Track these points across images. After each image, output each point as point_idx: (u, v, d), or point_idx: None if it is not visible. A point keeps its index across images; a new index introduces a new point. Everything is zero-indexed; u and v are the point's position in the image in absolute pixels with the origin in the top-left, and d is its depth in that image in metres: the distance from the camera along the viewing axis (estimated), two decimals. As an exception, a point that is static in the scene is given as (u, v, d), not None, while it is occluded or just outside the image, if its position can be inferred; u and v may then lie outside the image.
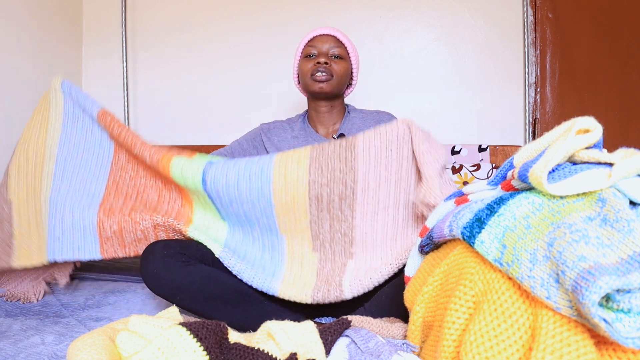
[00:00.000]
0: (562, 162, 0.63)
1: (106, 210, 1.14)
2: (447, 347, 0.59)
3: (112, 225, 1.12)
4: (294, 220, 1.03)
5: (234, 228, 1.09)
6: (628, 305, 0.45)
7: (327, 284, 1.00)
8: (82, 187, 1.18)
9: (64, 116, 1.20)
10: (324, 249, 1.04)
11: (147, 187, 1.17)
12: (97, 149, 1.21)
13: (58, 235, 1.14)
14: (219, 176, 1.02)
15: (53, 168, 1.18)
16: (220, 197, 1.04)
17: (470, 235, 0.62)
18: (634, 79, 1.79)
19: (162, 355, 0.62)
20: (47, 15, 1.76)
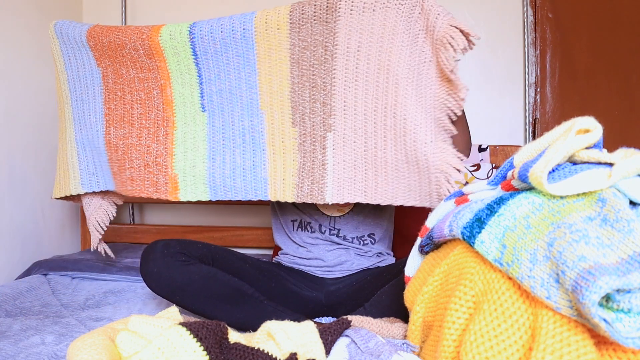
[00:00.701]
0: (562, 162, 0.63)
1: (111, 146, 1.20)
2: (447, 347, 0.59)
3: (115, 162, 1.20)
4: (276, 91, 1.03)
5: (213, 118, 1.10)
6: (628, 305, 0.45)
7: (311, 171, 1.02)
8: (91, 125, 1.23)
9: (64, 59, 1.24)
10: (304, 122, 1.03)
11: (133, 102, 1.17)
12: (91, 81, 1.22)
13: (92, 170, 1.26)
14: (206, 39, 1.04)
15: (71, 110, 1.25)
16: (212, 66, 1.06)
17: (470, 235, 0.62)
18: (634, 79, 1.79)
19: (162, 355, 0.62)
20: (47, 15, 1.76)
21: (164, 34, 1.07)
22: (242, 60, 1.05)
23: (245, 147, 1.08)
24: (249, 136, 1.08)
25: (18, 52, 1.60)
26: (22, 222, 1.59)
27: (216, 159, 1.10)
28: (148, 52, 1.10)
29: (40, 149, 1.71)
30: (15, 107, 1.59)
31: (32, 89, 1.67)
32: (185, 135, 1.13)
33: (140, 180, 1.17)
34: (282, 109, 1.04)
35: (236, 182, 1.09)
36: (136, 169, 1.17)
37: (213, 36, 1.04)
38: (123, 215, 2.01)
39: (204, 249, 1.05)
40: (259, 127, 1.07)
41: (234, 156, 1.09)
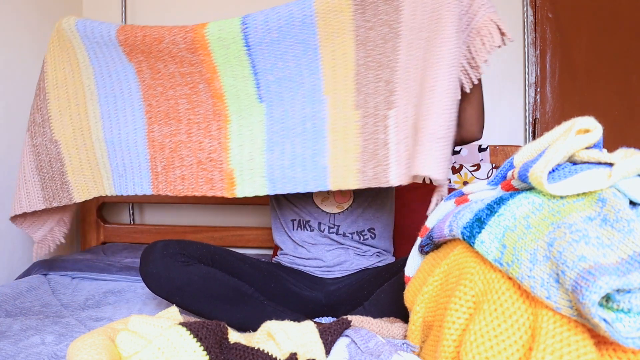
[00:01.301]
0: (562, 162, 0.63)
1: (156, 145, 1.15)
2: (447, 347, 0.59)
3: (161, 161, 1.15)
4: (340, 74, 1.01)
5: (272, 108, 1.06)
6: (628, 305, 0.45)
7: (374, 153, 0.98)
8: (127, 123, 1.17)
9: (88, 52, 1.17)
10: (366, 104, 1.00)
11: (177, 97, 1.13)
12: (124, 76, 1.16)
13: (122, 172, 1.20)
14: (260, 29, 1.00)
15: (98, 107, 1.19)
16: (268, 56, 1.02)
17: (470, 235, 0.62)
18: (634, 79, 1.79)
19: (162, 355, 0.62)
20: (47, 15, 1.76)
21: (212, 28, 1.03)
22: (303, 46, 1.01)
23: (305, 135, 1.04)
24: (310, 123, 1.03)
25: (18, 52, 1.60)
26: (22, 222, 1.59)
27: (275, 150, 1.06)
28: (190, 46, 1.05)
29: (40, 149, 1.70)
30: (15, 107, 1.59)
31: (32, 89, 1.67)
32: (240, 128, 1.08)
33: (193, 178, 1.12)
34: (345, 92, 1.01)
35: (296, 173, 1.05)
36: (188, 167, 1.12)
37: (269, 25, 1.00)
38: (123, 215, 2.01)
39: (203, 249, 1.05)
40: (321, 114, 1.03)
41: (294, 146, 1.05)
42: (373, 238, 1.18)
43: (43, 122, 1.24)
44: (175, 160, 1.14)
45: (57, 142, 1.24)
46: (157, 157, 1.16)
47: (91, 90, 1.19)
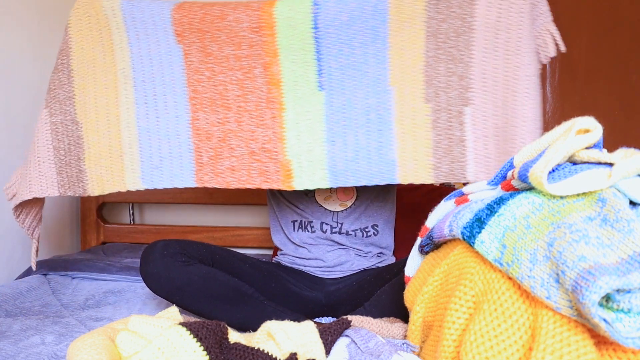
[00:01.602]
0: (562, 162, 0.63)
1: (201, 134, 1.07)
2: (447, 347, 0.59)
3: (208, 151, 1.07)
4: (408, 65, 0.99)
5: (332, 97, 1.02)
6: (628, 305, 0.45)
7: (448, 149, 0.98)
8: (167, 110, 1.09)
9: (129, 34, 1.09)
10: (438, 98, 0.98)
11: (227, 82, 1.06)
12: (168, 60, 1.09)
13: (156, 164, 1.09)
14: (332, 11, 0.96)
15: (132, 92, 1.10)
16: (334, 40, 0.99)
17: (470, 235, 0.62)
18: (634, 79, 1.79)
19: (162, 355, 0.62)
20: (47, 15, 1.76)
21: (281, 6, 0.98)
22: (371, 33, 0.99)
23: (370, 126, 1.01)
24: (375, 114, 1.00)
25: (18, 52, 1.60)
26: (22, 222, 1.59)
27: (337, 141, 1.01)
28: (255, 25, 1.00)
29: (40, 149, 1.70)
30: (15, 107, 1.59)
31: (32, 89, 1.68)
32: (297, 117, 1.03)
33: (245, 169, 1.05)
34: (413, 84, 0.99)
35: (359, 165, 1.01)
36: (239, 158, 1.05)
37: (341, 8, 0.97)
38: (123, 215, 2.01)
39: (204, 249, 1.05)
40: (386, 104, 1.00)
41: (357, 137, 1.01)
42: (375, 235, 1.18)
43: (66, 99, 1.14)
44: (224, 150, 1.06)
45: (78, 123, 1.14)
46: (203, 147, 1.07)
47: (125, 74, 1.11)
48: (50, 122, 1.15)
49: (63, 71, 1.15)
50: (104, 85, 1.12)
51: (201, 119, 1.07)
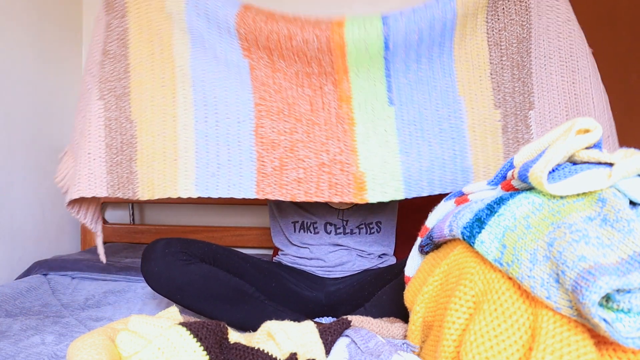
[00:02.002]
0: (562, 162, 0.63)
1: (266, 142, 1.01)
2: (447, 347, 0.59)
3: (272, 160, 1.01)
4: (474, 75, 1.03)
5: (402, 111, 1.03)
6: (628, 305, 0.45)
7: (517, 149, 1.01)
8: (228, 114, 1.03)
9: (191, 33, 1.04)
10: (506, 103, 1.03)
11: (296, 97, 1.03)
12: (233, 67, 1.05)
13: (213, 171, 1.03)
14: (402, 31, 0.96)
15: (191, 93, 1.04)
16: (403, 58, 1.00)
17: (470, 235, 0.62)
18: (634, 79, 1.79)
19: (162, 355, 0.62)
20: (47, 15, 1.76)
21: (351, 26, 0.96)
22: (439, 49, 1.01)
23: (443, 135, 1.03)
24: (447, 124, 1.03)
25: (18, 52, 1.60)
26: (22, 222, 1.59)
27: (411, 152, 1.01)
28: (326, 45, 0.98)
29: (40, 149, 1.71)
30: (15, 107, 1.59)
31: (32, 89, 1.68)
32: (369, 131, 1.02)
33: (313, 182, 1.00)
34: (482, 91, 1.04)
35: (434, 174, 1.01)
36: (307, 170, 1.00)
37: (410, 27, 0.96)
38: (123, 215, 2.01)
39: (205, 248, 1.05)
40: (457, 114, 1.03)
41: (432, 147, 1.02)
42: (379, 232, 1.19)
43: (122, 94, 1.08)
44: (291, 161, 1.00)
45: (133, 122, 1.07)
46: (267, 157, 1.01)
47: (184, 73, 1.05)
48: (105, 117, 1.08)
49: (120, 62, 1.08)
50: (161, 82, 1.06)
51: (266, 126, 1.02)
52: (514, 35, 1.03)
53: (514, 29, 1.03)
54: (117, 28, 1.08)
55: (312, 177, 1.00)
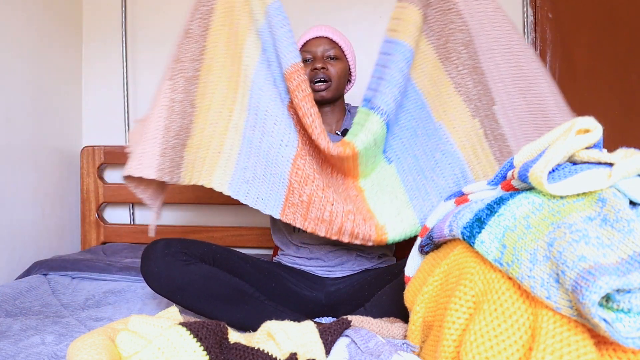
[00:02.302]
0: (562, 162, 0.63)
1: (300, 174, 0.99)
2: (447, 347, 0.59)
3: (301, 194, 0.99)
4: (443, 97, 1.05)
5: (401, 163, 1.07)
6: (628, 305, 0.45)
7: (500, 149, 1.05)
8: (274, 134, 1.01)
9: (262, 42, 1.03)
10: (479, 109, 1.05)
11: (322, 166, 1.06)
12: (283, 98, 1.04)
13: (248, 178, 1.03)
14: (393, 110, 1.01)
15: (248, 97, 1.03)
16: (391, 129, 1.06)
17: (470, 235, 0.62)
18: (634, 79, 1.79)
19: (162, 355, 0.62)
20: (47, 16, 1.76)
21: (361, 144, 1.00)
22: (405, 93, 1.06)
23: (440, 166, 1.04)
24: (439, 153, 1.05)
25: (18, 52, 1.60)
26: (22, 222, 1.59)
27: (419, 196, 1.04)
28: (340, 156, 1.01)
29: (40, 149, 1.71)
30: (15, 107, 1.59)
31: (32, 89, 1.68)
32: (377, 195, 1.06)
33: (336, 225, 0.99)
34: (455, 108, 1.05)
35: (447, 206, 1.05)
36: (333, 213, 0.98)
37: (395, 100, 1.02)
38: (123, 215, 2.01)
39: (205, 248, 1.05)
40: (443, 139, 1.05)
41: (435, 181, 1.04)
42: None
43: (192, 77, 1.06)
44: (319, 201, 0.98)
45: (195, 107, 1.05)
46: (298, 190, 1.00)
47: (247, 75, 1.03)
48: (170, 98, 1.05)
49: (198, 42, 1.06)
50: (228, 73, 1.05)
51: (306, 160, 1.01)
52: (458, 43, 1.04)
53: (455, 37, 1.05)
54: (203, 7, 1.07)
55: (336, 221, 0.98)
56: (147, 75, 2.04)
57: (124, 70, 1.98)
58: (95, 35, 2.04)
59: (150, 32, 2.03)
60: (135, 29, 2.04)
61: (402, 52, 1.00)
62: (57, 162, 1.81)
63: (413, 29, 1.01)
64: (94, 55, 2.04)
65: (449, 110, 1.06)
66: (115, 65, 2.02)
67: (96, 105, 2.03)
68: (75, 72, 1.98)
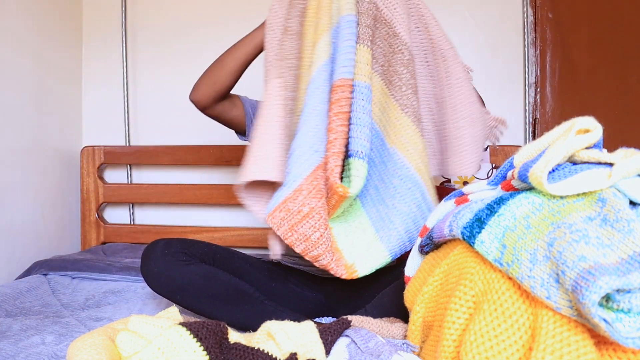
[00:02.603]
0: (562, 162, 0.63)
1: (314, 185, 0.96)
2: (447, 347, 0.59)
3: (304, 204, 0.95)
4: (391, 117, 1.05)
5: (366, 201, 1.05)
6: (628, 305, 0.45)
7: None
8: (310, 134, 0.99)
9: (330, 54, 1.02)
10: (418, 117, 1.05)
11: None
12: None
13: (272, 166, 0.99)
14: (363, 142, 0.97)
15: (305, 95, 1.02)
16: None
17: (470, 235, 0.62)
18: (634, 79, 1.79)
19: (162, 355, 0.62)
20: (47, 16, 1.76)
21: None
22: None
23: (399, 191, 1.01)
24: (397, 179, 1.02)
25: (18, 52, 1.60)
26: (22, 222, 1.60)
27: (384, 226, 1.01)
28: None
29: (40, 149, 1.71)
30: (16, 108, 1.59)
31: (32, 89, 1.68)
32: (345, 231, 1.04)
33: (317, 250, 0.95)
34: (406, 129, 1.03)
35: (411, 229, 1.01)
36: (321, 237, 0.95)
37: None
38: (123, 215, 2.02)
39: (205, 248, 1.05)
40: (399, 164, 1.02)
41: (397, 209, 1.01)
42: None
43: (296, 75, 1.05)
44: (317, 218, 0.95)
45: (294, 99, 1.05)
46: (302, 198, 0.95)
47: (310, 72, 1.02)
48: (284, 96, 1.03)
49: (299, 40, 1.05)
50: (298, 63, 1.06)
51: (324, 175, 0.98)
52: (398, 64, 1.03)
53: (395, 59, 1.04)
54: (299, 5, 1.09)
55: (319, 248, 0.94)
56: (147, 75, 2.05)
57: (124, 70, 1.98)
58: (95, 35, 2.04)
59: (150, 32, 2.03)
60: (135, 28, 2.04)
61: (362, 92, 0.98)
62: (57, 162, 1.82)
63: (365, 66, 0.99)
64: (94, 55, 2.04)
65: (400, 132, 1.03)
66: (115, 65, 2.02)
67: (96, 105, 2.04)
68: (75, 72, 1.99)
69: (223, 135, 1.95)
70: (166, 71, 2.03)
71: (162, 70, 2.03)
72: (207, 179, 1.95)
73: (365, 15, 1.01)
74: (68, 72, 1.93)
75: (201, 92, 1.13)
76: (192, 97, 1.15)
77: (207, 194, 1.86)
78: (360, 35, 1.00)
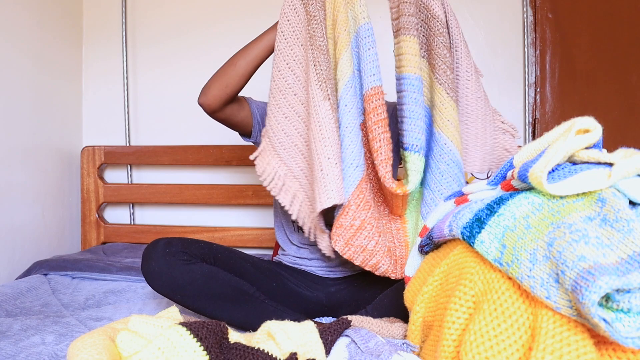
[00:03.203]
0: (562, 162, 0.63)
1: (361, 198, 0.97)
2: (447, 347, 0.59)
3: (355, 218, 0.97)
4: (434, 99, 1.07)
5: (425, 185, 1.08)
6: (628, 305, 0.45)
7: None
8: (348, 151, 0.99)
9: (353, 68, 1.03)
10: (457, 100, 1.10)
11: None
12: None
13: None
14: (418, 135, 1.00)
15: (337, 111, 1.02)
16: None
17: (470, 235, 0.62)
18: (634, 79, 1.79)
19: (162, 355, 0.62)
20: (47, 15, 1.76)
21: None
22: None
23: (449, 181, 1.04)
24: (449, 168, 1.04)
25: (18, 53, 1.60)
26: (22, 222, 1.60)
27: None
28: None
29: (40, 150, 1.71)
30: (15, 108, 1.59)
31: (32, 89, 1.68)
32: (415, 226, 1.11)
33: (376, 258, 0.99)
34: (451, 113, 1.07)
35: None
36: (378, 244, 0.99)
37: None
38: (123, 215, 2.01)
39: (206, 247, 1.05)
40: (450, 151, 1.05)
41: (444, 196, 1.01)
42: None
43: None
44: (370, 228, 0.98)
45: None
46: (353, 213, 0.97)
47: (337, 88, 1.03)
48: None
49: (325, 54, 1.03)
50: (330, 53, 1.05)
51: (373, 185, 1.04)
52: (440, 46, 1.05)
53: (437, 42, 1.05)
54: (318, 13, 1.05)
55: (377, 255, 0.99)
56: (147, 75, 2.05)
57: (124, 70, 1.98)
58: (96, 35, 2.04)
59: (151, 31, 2.03)
60: (135, 28, 2.04)
61: (412, 84, 1.00)
62: (57, 162, 1.82)
63: (413, 57, 1.01)
64: (94, 54, 2.04)
65: (446, 116, 1.05)
66: (115, 65, 2.02)
67: (96, 105, 2.04)
68: (76, 72, 1.99)
69: (223, 135, 1.95)
70: (166, 71, 2.03)
71: (162, 70, 2.03)
72: (207, 179, 1.95)
73: (407, 4, 1.02)
74: (68, 71, 1.93)
75: (212, 95, 1.10)
76: (201, 100, 1.11)
77: (207, 194, 1.86)
78: (406, 25, 1.02)
